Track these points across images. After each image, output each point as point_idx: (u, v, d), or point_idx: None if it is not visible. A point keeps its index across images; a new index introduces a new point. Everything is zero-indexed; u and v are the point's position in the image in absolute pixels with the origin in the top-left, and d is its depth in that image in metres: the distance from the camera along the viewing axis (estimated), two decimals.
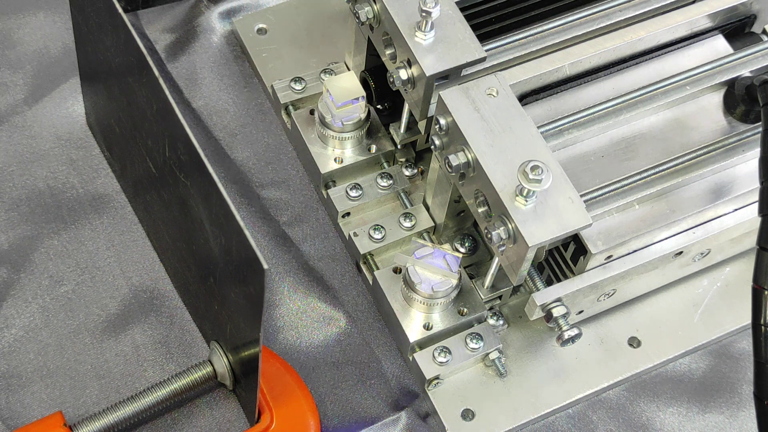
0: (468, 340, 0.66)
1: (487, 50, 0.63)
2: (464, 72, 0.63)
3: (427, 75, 0.61)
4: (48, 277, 0.69)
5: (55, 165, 0.73)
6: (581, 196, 0.60)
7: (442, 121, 0.61)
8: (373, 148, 0.71)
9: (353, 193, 0.71)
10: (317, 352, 0.68)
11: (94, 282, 0.69)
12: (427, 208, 0.70)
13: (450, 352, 0.65)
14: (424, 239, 0.68)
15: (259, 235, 0.71)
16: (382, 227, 0.69)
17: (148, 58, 0.57)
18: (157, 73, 0.56)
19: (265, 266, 0.50)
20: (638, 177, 0.63)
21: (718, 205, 0.65)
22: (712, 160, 0.65)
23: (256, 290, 0.53)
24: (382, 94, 0.71)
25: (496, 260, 0.64)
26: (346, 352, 0.69)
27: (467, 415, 0.66)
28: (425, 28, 0.61)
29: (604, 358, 0.69)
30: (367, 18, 0.65)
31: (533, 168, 0.56)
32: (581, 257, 0.63)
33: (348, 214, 0.71)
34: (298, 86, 0.73)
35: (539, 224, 0.58)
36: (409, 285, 0.65)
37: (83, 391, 0.66)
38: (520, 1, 0.68)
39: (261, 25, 0.79)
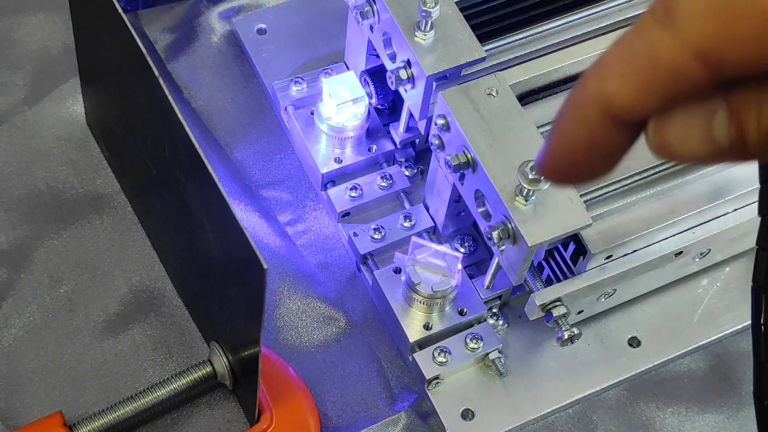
0: (468, 340, 0.66)
1: (487, 50, 0.63)
2: (464, 72, 0.63)
3: (427, 75, 0.61)
4: (48, 277, 0.69)
5: (55, 165, 0.73)
6: (581, 196, 0.60)
7: (442, 121, 0.61)
8: (373, 148, 0.71)
9: (353, 193, 0.71)
10: (317, 352, 0.68)
11: (94, 282, 0.69)
12: (427, 208, 0.70)
13: (450, 352, 0.65)
14: (424, 239, 0.68)
15: (259, 235, 0.71)
16: (382, 227, 0.69)
17: (148, 58, 0.57)
18: (157, 73, 0.56)
19: (265, 266, 0.50)
20: (638, 177, 0.63)
21: (718, 205, 0.65)
22: None
23: (256, 290, 0.53)
24: (382, 94, 0.71)
25: (496, 260, 0.64)
26: (346, 352, 0.69)
27: (467, 415, 0.66)
28: (425, 28, 0.61)
29: (604, 358, 0.69)
30: (367, 18, 0.64)
31: (533, 168, 0.56)
32: (581, 257, 0.63)
33: (348, 214, 0.71)
34: (298, 86, 0.73)
35: (539, 224, 0.57)
36: (409, 285, 0.65)
37: (83, 391, 0.66)
38: (520, 1, 0.68)
39: (261, 25, 0.79)
